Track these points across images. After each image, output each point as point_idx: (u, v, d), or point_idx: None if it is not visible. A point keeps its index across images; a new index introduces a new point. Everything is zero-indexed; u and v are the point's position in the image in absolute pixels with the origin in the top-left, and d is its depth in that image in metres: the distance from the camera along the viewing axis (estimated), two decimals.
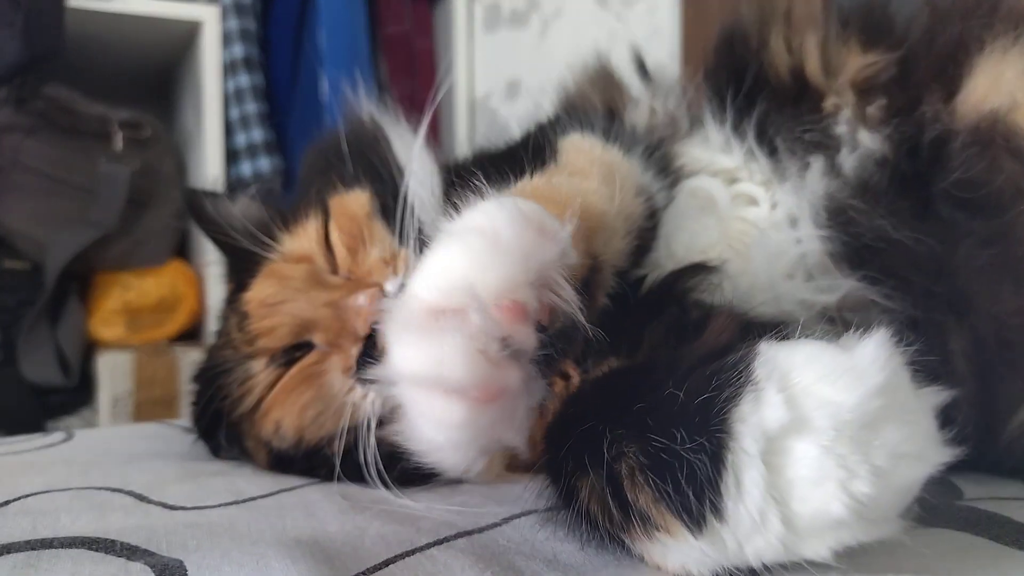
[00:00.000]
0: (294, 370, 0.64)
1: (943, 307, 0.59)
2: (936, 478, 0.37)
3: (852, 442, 0.34)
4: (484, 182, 0.48)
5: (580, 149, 0.63)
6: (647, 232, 0.62)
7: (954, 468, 0.39)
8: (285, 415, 0.64)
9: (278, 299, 0.65)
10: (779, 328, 0.40)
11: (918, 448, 0.36)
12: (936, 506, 0.50)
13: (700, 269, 0.58)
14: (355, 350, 0.61)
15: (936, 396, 0.38)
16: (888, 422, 0.35)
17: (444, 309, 0.36)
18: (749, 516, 0.35)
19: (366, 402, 0.60)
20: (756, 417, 0.36)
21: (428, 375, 0.36)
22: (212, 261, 0.81)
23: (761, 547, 0.36)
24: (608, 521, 0.41)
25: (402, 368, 0.37)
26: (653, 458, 0.38)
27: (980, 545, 0.45)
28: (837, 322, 0.61)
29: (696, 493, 0.36)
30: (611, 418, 0.40)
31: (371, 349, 0.60)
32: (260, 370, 0.65)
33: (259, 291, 0.66)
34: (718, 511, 0.36)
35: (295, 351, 0.64)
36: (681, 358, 0.42)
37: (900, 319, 0.59)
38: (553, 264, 0.39)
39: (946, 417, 0.38)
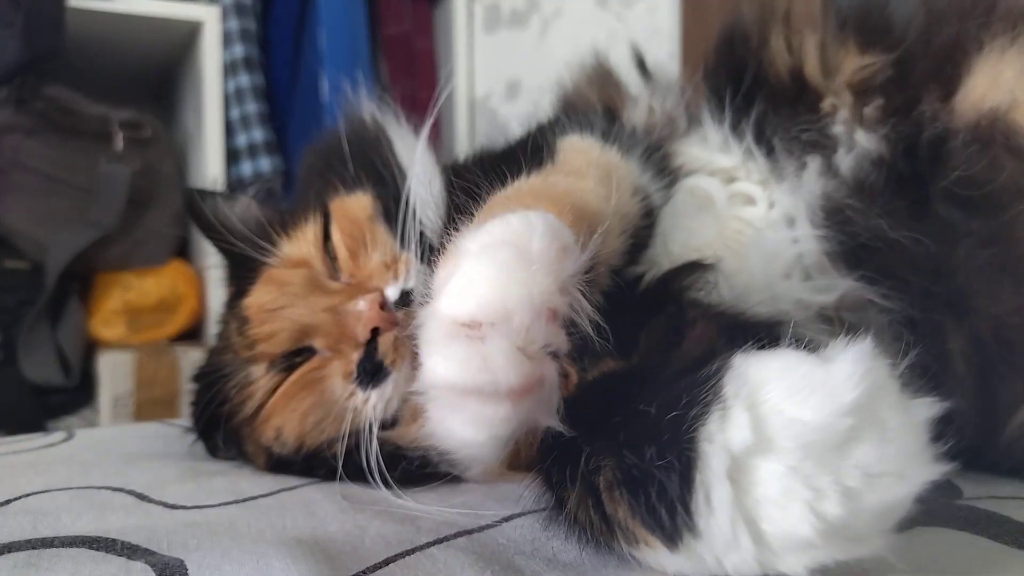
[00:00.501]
0: (295, 376, 0.64)
1: (941, 307, 0.59)
2: (933, 480, 0.36)
3: (819, 463, 0.34)
4: (485, 184, 0.48)
5: (578, 149, 0.63)
6: (643, 231, 0.63)
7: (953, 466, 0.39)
8: (286, 422, 0.64)
9: (278, 304, 0.65)
10: (761, 336, 0.40)
11: (898, 467, 0.34)
12: (935, 506, 0.50)
13: (696, 267, 0.58)
14: (356, 355, 0.61)
15: (926, 408, 0.36)
16: (862, 440, 0.34)
17: (482, 321, 0.37)
18: (721, 534, 0.35)
19: (367, 406, 0.60)
20: (722, 436, 0.35)
21: (472, 382, 0.37)
22: (213, 264, 0.81)
23: (737, 563, 0.36)
24: (596, 530, 0.41)
25: (443, 378, 0.38)
26: (627, 474, 0.38)
27: (979, 544, 0.46)
28: (835, 322, 0.61)
29: (668, 510, 0.36)
30: (591, 430, 0.41)
31: (372, 354, 0.60)
32: (260, 375, 0.65)
33: (259, 296, 0.66)
34: (691, 528, 0.36)
35: (296, 356, 0.64)
36: (662, 367, 0.42)
37: (898, 319, 0.59)
38: (572, 277, 0.41)
39: (942, 426, 0.37)
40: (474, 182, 0.51)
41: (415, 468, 0.59)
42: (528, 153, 0.59)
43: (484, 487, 0.60)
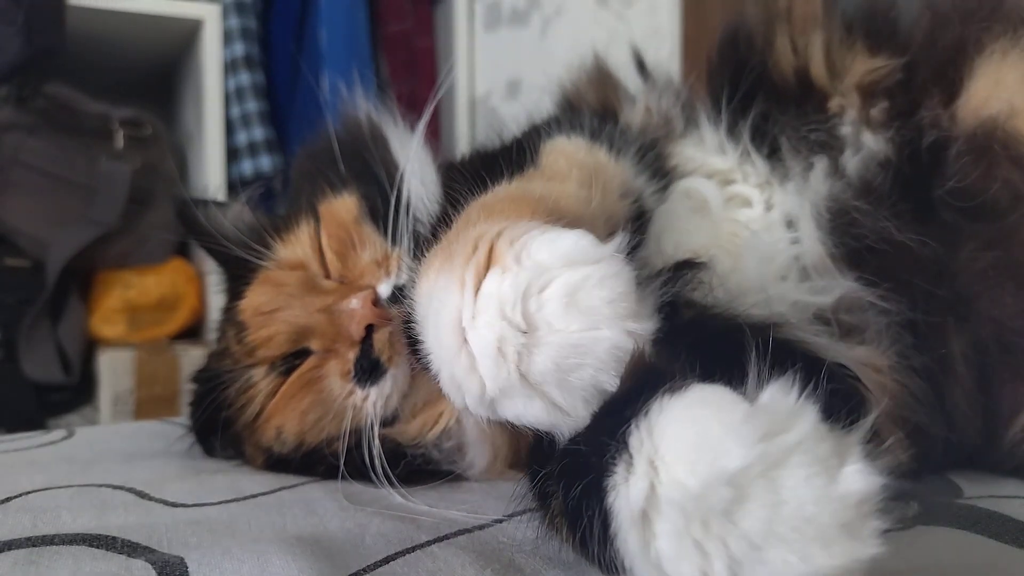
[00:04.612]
0: (293, 377, 0.63)
1: (943, 310, 0.59)
2: (935, 477, 0.36)
3: (704, 528, 0.32)
4: (468, 189, 0.49)
5: (563, 152, 0.63)
6: (633, 232, 0.62)
7: (953, 466, 0.38)
8: (287, 421, 0.64)
9: (273, 306, 0.64)
10: (724, 356, 0.38)
11: (796, 543, 0.31)
12: (935, 505, 0.50)
13: (689, 266, 0.58)
14: (352, 354, 0.61)
15: (861, 479, 0.32)
16: (749, 511, 0.32)
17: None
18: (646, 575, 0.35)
19: (367, 404, 0.60)
20: (624, 488, 0.35)
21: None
22: (212, 270, 0.80)
23: None
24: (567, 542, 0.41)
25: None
26: (567, 505, 0.38)
27: (980, 543, 0.46)
28: (832, 324, 0.61)
29: (599, 546, 0.36)
30: (548, 454, 0.41)
31: (368, 351, 0.60)
32: (260, 379, 0.65)
33: (254, 299, 0.66)
34: (621, 568, 0.36)
35: (295, 359, 0.64)
36: (614, 398, 0.40)
37: (897, 321, 0.59)
38: None
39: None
40: (457, 188, 0.51)
41: (416, 466, 0.59)
42: (513, 156, 0.59)
43: (485, 485, 0.60)
